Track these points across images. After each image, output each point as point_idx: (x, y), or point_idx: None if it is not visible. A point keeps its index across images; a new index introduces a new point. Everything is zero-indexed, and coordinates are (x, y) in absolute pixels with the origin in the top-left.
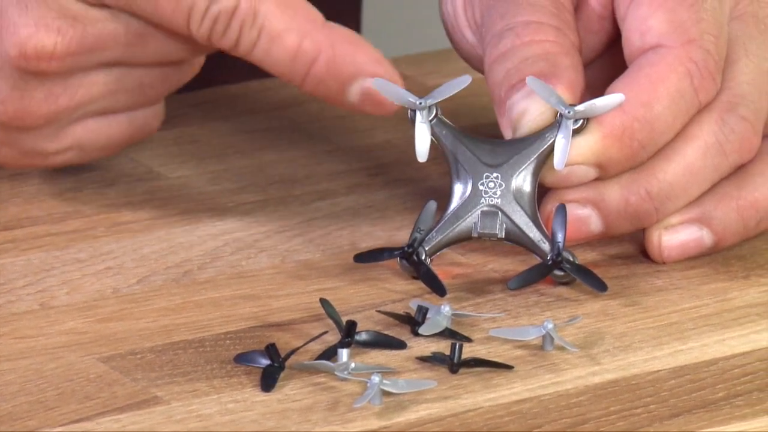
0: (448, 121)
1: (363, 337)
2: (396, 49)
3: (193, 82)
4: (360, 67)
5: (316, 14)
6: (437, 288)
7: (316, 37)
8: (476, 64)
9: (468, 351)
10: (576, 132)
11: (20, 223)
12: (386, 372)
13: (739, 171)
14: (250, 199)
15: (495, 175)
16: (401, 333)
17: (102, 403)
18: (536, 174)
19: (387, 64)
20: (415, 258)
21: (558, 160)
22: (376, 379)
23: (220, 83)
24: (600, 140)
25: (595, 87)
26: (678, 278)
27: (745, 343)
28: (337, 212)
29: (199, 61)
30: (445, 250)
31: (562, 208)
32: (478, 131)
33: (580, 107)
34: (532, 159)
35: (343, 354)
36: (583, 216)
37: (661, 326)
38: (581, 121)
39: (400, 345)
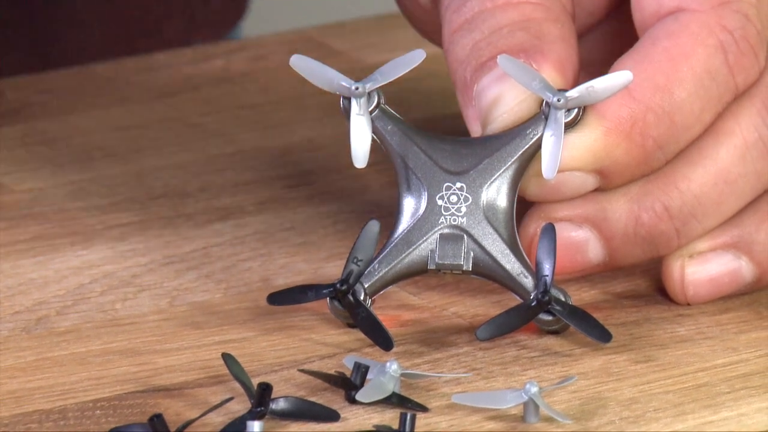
0: (394, 113)
1: (281, 405)
2: (321, 15)
3: (42, 57)
4: None
5: None
6: (381, 339)
7: None
8: (432, 34)
9: (423, 424)
10: (569, 127)
11: None
12: None
13: None
14: (125, 219)
15: (459, 185)
16: (332, 400)
17: None
18: (515, 184)
19: None
20: (350, 299)
21: (546, 165)
22: None
23: (85, 61)
24: (601, 137)
25: (594, 65)
26: (707, 325)
27: None
28: (243, 237)
29: None
30: (391, 288)
31: (550, 230)
32: (435, 126)
33: (573, 93)
34: (509, 163)
35: (254, 427)
36: (580, 240)
37: (685, 389)
38: (575, 111)
39: (331, 416)
